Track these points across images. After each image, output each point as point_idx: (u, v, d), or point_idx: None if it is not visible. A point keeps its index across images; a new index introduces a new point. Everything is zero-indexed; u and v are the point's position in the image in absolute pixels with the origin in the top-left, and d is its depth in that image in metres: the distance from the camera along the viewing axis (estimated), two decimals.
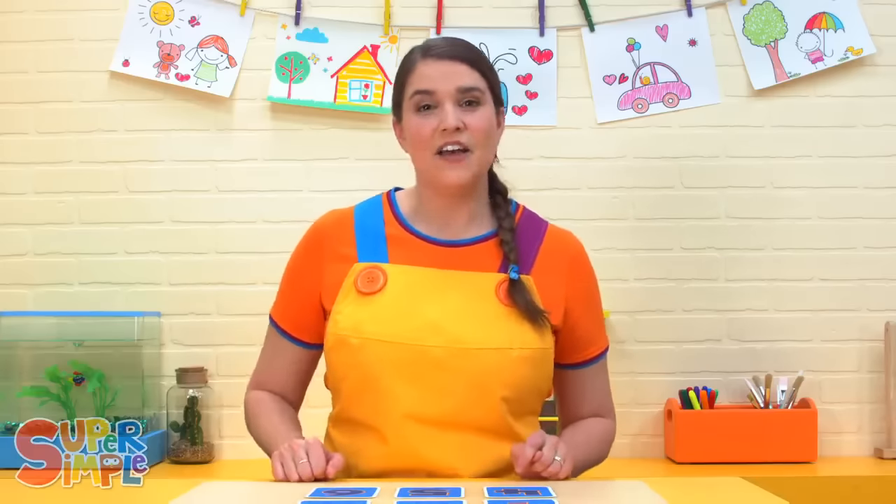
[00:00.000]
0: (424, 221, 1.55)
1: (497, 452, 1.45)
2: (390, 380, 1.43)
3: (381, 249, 1.52)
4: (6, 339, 2.62)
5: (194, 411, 2.59)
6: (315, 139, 2.72)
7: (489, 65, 1.54)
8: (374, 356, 1.44)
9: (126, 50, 2.71)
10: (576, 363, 1.58)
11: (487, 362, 1.43)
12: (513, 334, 1.46)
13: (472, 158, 1.48)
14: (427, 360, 1.43)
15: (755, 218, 2.72)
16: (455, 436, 1.43)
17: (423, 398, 1.42)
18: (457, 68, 1.48)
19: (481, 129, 1.48)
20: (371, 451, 1.45)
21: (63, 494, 1.24)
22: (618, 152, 2.73)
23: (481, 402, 1.44)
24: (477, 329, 1.45)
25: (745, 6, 2.73)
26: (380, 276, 1.49)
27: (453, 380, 1.43)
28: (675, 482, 1.41)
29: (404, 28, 2.73)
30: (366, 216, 1.57)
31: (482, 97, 1.49)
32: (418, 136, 1.49)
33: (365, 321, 1.45)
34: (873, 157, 2.72)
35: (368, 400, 1.45)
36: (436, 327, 1.44)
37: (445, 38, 1.55)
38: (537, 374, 1.49)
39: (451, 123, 1.46)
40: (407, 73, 1.52)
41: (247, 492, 1.35)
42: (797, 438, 2.53)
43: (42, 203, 2.71)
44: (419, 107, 1.49)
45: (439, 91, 1.47)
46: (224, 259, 2.70)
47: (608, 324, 2.68)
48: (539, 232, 1.58)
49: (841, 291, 2.70)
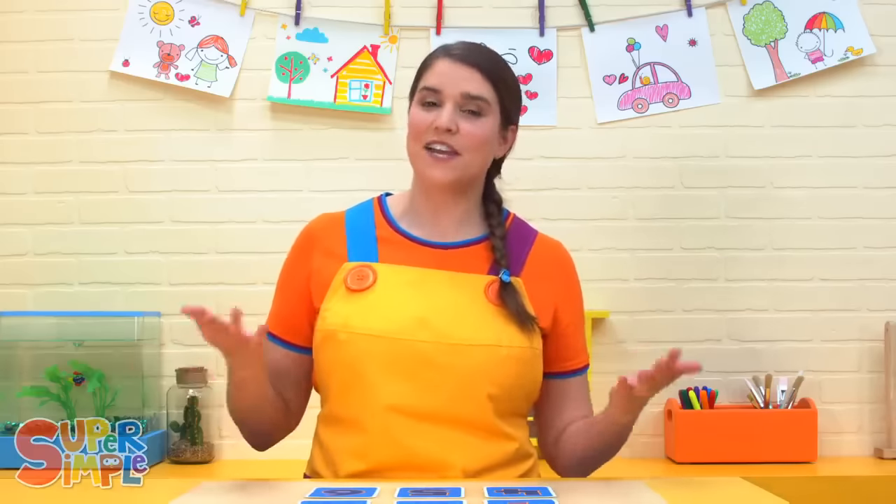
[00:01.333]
0: (415, 223, 1.55)
1: (483, 450, 1.44)
2: (376, 374, 1.43)
3: (371, 250, 1.52)
4: (6, 339, 2.62)
5: (194, 411, 2.59)
6: (315, 139, 2.72)
7: (508, 82, 1.53)
8: (361, 350, 1.44)
9: (126, 50, 2.71)
10: (560, 372, 1.57)
11: (475, 359, 1.43)
12: (501, 333, 1.46)
13: (459, 161, 1.49)
14: (415, 354, 1.43)
15: (755, 218, 2.72)
16: (439, 430, 1.43)
17: (409, 392, 1.42)
18: (468, 73, 1.49)
19: (474, 137, 1.48)
20: (352, 445, 1.45)
21: (63, 494, 1.24)
22: (618, 152, 2.73)
23: (467, 399, 1.43)
24: (466, 326, 1.45)
25: (745, 6, 2.73)
26: (369, 274, 1.49)
27: (440, 375, 1.43)
28: (675, 482, 1.41)
29: (404, 28, 2.73)
30: (357, 218, 1.58)
31: (486, 108, 1.49)
32: (414, 126, 1.52)
33: (353, 316, 1.45)
34: (873, 157, 2.72)
35: (354, 395, 1.45)
36: (424, 323, 1.44)
37: (472, 43, 1.55)
38: (525, 374, 1.48)
39: (444, 123, 1.47)
40: (424, 68, 1.54)
41: (247, 492, 1.35)
42: (797, 438, 2.53)
43: (42, 203, 2.71)
44: (424, 101, 1.51)
45: (445, 91, 1.49)
46: (224, 259, 2.70)
47: (608, 324, 2.68)
48: (528, 238, 1.60)
49: (841, 291, 2.70)
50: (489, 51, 1.55)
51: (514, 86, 1.56)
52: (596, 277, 2.61)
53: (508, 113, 1.54)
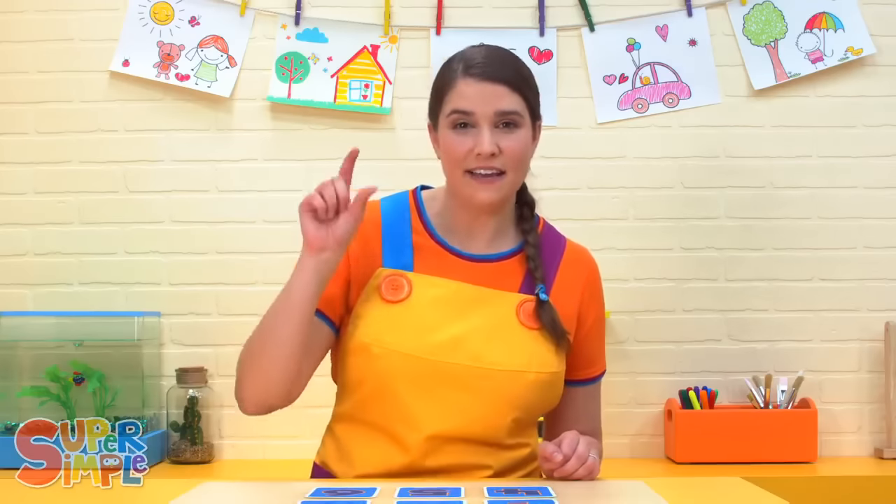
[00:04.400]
0: (450, 230, 1.54)
1: (499, 461, 1.47)
2: (407, 393, 1.44)
3: (406, 257, 1.51)
4: (6, 339, 2.62)
5: (194, 411, 2.59)
6: (315, 139, 2.72)
7: (529, 83, 1.51)
8: (393, 368, 1.44)
9: (126, 50, 2.71)
10: (575, 380, 1.58)
11: (502, 383, 1.45)
12: (531, 357, 1.47)
13: (505, 181, 1.48)
14: (445, 376, 1.43)
15: (755, 218, 2.72)
16: (462, 447, 1.45)
17: (442, 416, 1.43)
18: (497, 90, 1.46)
19: (516, 153, 1.47)
20: (384, 455, 1.46)
21: (63, 494, 1.24)
22: (618, 152, 2.73)
23: (492, 421, 1.46)
24: (497, 349, 1.46)
25: (745, 6, 2.73)
26: (404, 284, 1.48)
27: (469, 398, 1.44)
28: (675, 482, 1.41)
29: (404, 28, 2.73)
30: (392, 216, 1.55)
31: (520, 120, 1.48)
32: (452, 153, 1.48)
33: (387, 331, 1.45)
34: (873, 157, 2.72)
35: (388, 408, 1.45)
36: (457, 343, 1.45)
37: (488, 54, 1.50)
38: (547, 397, 1.51)
39: (487, 150, 1.45)
40: (446, 87, 1.50)
41: (247, 492, 1.35)
42: (797, 438, 2.53)
43: (42, 203, 2.71)
44: (456, 124, 1.48)
45: (477, 113, 1.46)
46: (224, 259, 2.70)
47: (608, 324, 2.68)
48: (559, 247, 1.59)
49: (841, 291, 2.70)
50: (506, 56, 1.52)
51: (534, 83, 1.53)
52: None
53: (535, 111, 1.53)
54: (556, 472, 1.38)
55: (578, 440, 1.40)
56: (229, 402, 2.61)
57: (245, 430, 2.64)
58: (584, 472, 1.38)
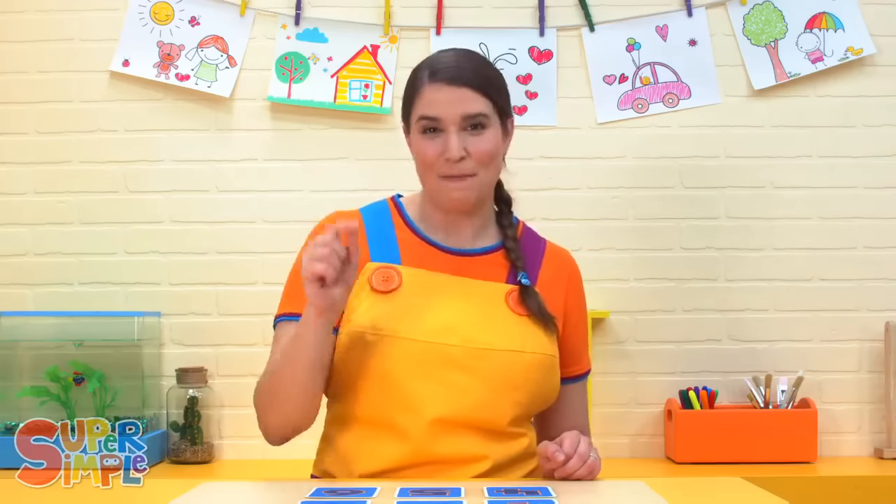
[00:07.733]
0: (432, 229, 1.56)
1: (498, 451, 1.46)
2: (410, 378, 1.43)
3: (392, 251, 1.53)
4: (6, 339, 2.62)
5: (194, 411, 2.59)
6: (315, 139, 2.72)
7: (494, 83, 1.51)
8: (392, 352, 1.44)
9: (126, 50, 2.71)
10: (565, 378, 1.58)
11: (501, 363, 1.45)
12: (525, 339, 1.48)
13: (475, 181, 1.49)
14: (444, 358, 1.44)
15: (755, 218, 2.72)
16: (464, 434, 1.44)
17: (446, 399, 1.43)
18: (463, 94, 1.47)
19: (485, 154, 1.48)
20: (385, 448, 1.45)
21: (63, 494, 1.24)
22: (618, 152, 2.73)
23: (494, 404, 1.45)
24: (490, 332, 1.47)
25: (745, 6, 2.73)
26: (394, 275, 1.49)
27: (469, 379, 1.44)
28: (675, 482, 1.41)
29: (404, 28, 2.73)
30: (374, 218, 1.57)
31: (487, 121, 1.49)
32: (423, 158, 1.50)
33: (382, 318, 1.46)
34: (873, 157, 2.72)
35: (387, 397, 1.45)
36: (451, 328, 1.46)
37: (455, 57, 1.51)
38: (546, 381, 1.51)
39: (454, 155, 1.46)
40: (414, 93, 1.51)
41: (247, 492, 1.35)
42: (797, 438, 2.53)
43: (42, 203, 2.71)
44: (425, 130, 1.49)
45: (444, 118, 1.47)
46: (224, 259, 2.70)
47: (608, 324, 2.68)
48: (539, 247, 1.62)
49: (841, 291, 2.70)
50: (471, 59, 1.52)
51: (502, 83, 1.54)
52: (596, 277, 2.61)
53: (504, 110, 1.54)
54: (558, 471, 1.38)
55: (580, 440, 1.40)
56: (229, 402, 2.62)
57: (245, 431, 2.63)
58: (585, 472, 1.38)
